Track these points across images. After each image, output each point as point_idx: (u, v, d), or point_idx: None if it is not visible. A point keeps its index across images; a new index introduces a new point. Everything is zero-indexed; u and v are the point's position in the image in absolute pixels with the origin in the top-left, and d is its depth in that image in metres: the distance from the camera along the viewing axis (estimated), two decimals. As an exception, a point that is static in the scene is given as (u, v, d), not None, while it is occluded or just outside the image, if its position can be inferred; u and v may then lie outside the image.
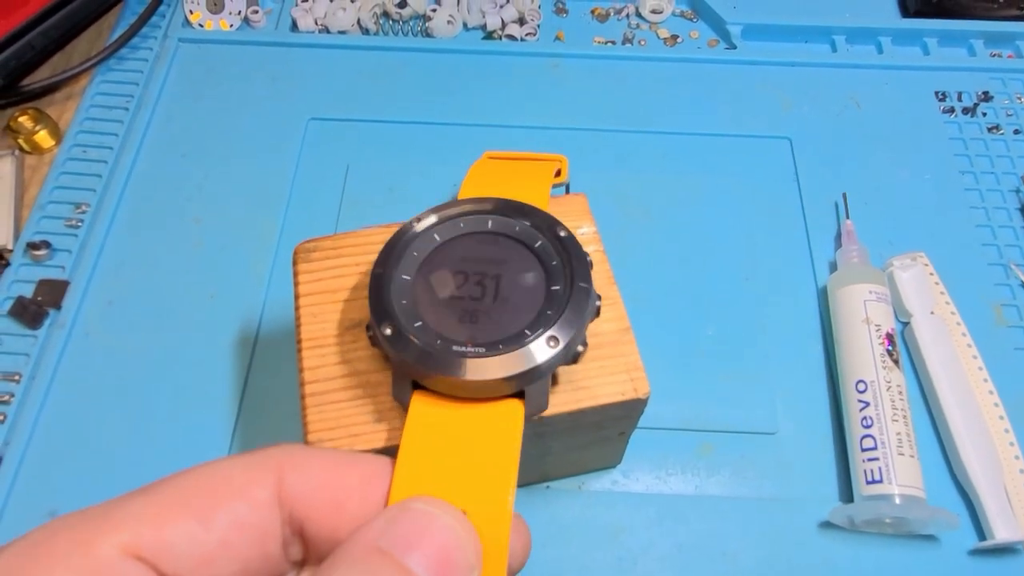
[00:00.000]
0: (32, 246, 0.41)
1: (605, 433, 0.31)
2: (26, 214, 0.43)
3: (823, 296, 0.41)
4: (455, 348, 0.23)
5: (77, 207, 0.43)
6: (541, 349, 0.23)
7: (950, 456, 0.36)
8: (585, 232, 0.31)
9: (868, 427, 0.34)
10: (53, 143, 0.46)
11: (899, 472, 0.33)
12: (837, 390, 0.38)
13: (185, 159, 0.45)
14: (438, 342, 0.24)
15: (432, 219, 0.27)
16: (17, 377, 0.38)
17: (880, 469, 0.33)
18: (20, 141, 0.45)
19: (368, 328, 0.25)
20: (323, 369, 0.27)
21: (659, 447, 0.37)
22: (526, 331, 0.24)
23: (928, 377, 0.37)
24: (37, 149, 0.45)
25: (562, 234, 0.26)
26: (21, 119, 0.45)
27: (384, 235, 0.30)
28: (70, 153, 0.45)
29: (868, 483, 0.33)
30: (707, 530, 0.35)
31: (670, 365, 0.39)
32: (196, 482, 0.17)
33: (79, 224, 0.42)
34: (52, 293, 0.40)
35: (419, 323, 0.24)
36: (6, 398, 0.37)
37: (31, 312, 0.39)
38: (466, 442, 0.22)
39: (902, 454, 0.33)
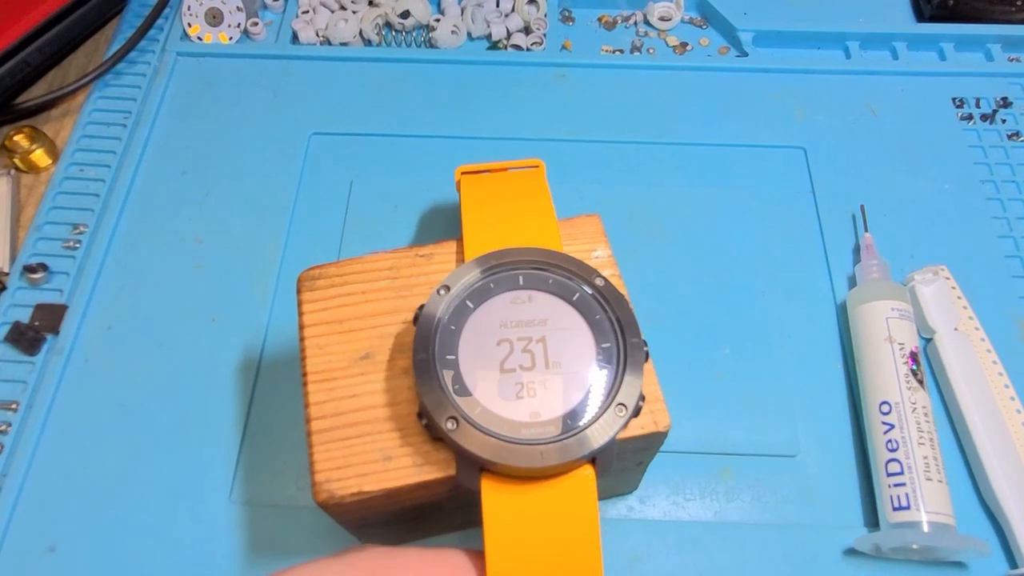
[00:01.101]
0: (29, 269, 0.40)
1: (623, 464, 0.30)
2: (22, 235, 0.42)
3: (842, 311, 0.40)
4: (525, 435, 0.23)
5: (75, 228, 0.42)
6: (611, 420, 0.23)
7: (978, 479, 0.35)
8: (599, 255, 0.30)
9: (893, 451, 0.33)
10: (50, 162, 0.45)
11: (927, 498, 0.31)
12: (859, 410, 0.37)
13: (185, 176, 0.44)
14: (504, 429, 0.23)
15: (459, 285, 0.26)
16: (14, 406, 0.37)
17: (907, 495, 0.32)
18: (16, 160, 0.44)
19: (421, 416, 0.24)
20: (330, 404, 0.26)
21: (676, 471, 0.36)
22: (588, 400, 0.23)
23: (953, 396, 0.36)
24: (33, 168, 0.44)
25: (599, 283, 0.26)
26: (16, 138, 0.44)
27: (390, 260, 0.29)
28: (67, 172, 0.44)
29: (895, 509, 0.32)
30: (728, 558, 0.34)
31: (686, 386, 0.37)
32: None
33: (77, 245, 0.41)
34: (50, 318, 0.39)
35: (479, 409, 0.23)
36: (3, 427, 0.36)
37: (28, 338, 0.38)
38: (547, 519, 0.22)
39: (930, 479, 0.32)
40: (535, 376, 0.24)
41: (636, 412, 0.24)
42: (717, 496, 0.35)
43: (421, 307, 0.26)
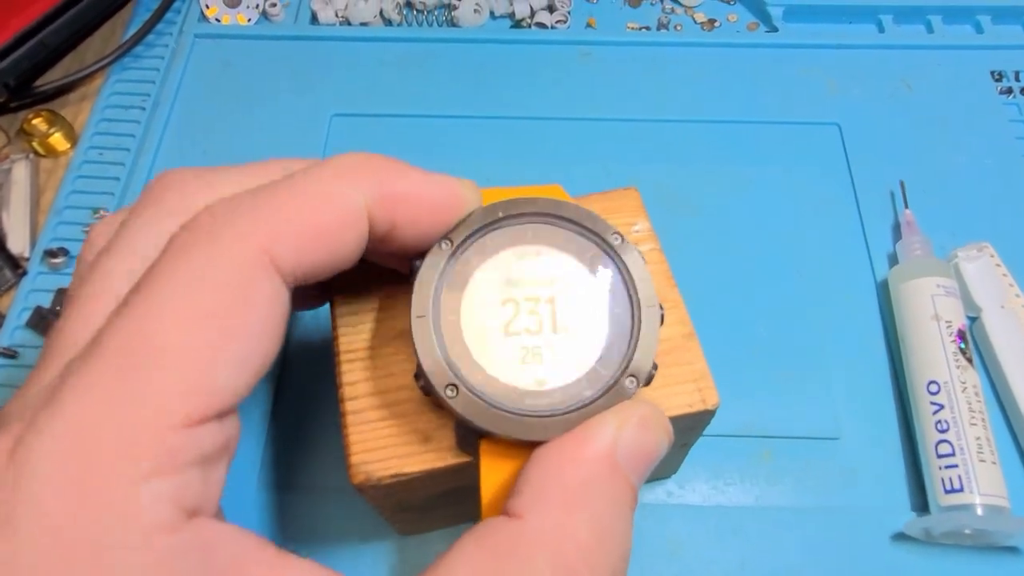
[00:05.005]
0: (49, 254, 0.39)
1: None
2: (42, 220, 0.41)
3: (883, 290, 0.38)
4: (529, 404, 0.21)
5: (95, 212, 0.41)
6: (620, 393, 0.21)
7: (1030, 461, 0.34)
8: (640, 229, 0.29)
9: (943, 431, 0.32)
10: (68, 146, 0.44)
11: (981, 480, 0.30)
12: (903, 391, 0.35)
13: (206, 158, 0.43)
14: (508, 398, 0.21)
15: (462, 235, 0.23)
16: (37, 392, 0.36)
17: (960, 477, 0.31)
18: (34, 144, 0.43)
19: (418, 378, 0.23)
20: (364, 384, 0.25)
21: (715, 455, 0.35)
22: (599, 369, 0.22)
23: (1002, 375, 0.35)
24: (52, 152, 0.44)
25: (615, 243, 0.24)
26: (35, 121, 0.43)
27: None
28: (86, 156, 0.43)
29: (947, 492, 0.31)
30: (771, 544, 0.33)
31: (723, 367, 0.35)
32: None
33: (97, 230, 0.40)
34: (71, 303, 0.38)
35: (481, 375, 0.22)
36: (26, 414, 0.35)
37: (49, 323, 0.37)
38: None
39: (983, 460, 0.31)
40: (541, 340, 0.23)
41: (648, 381, 0.22)
42: (758, 480, 0.34)
43: (420, 260, 0.23)
